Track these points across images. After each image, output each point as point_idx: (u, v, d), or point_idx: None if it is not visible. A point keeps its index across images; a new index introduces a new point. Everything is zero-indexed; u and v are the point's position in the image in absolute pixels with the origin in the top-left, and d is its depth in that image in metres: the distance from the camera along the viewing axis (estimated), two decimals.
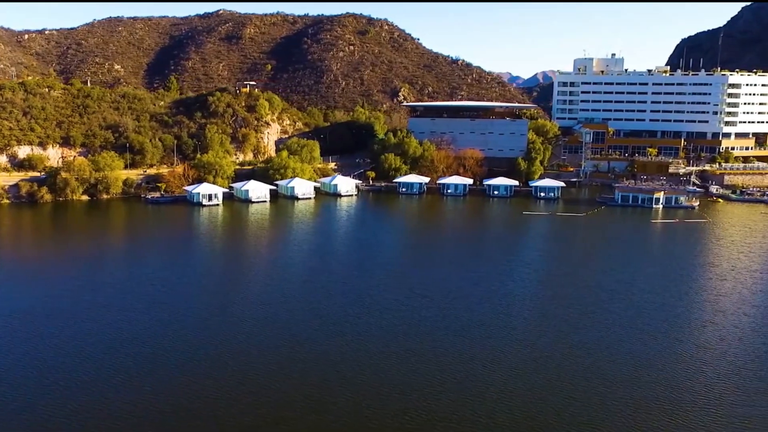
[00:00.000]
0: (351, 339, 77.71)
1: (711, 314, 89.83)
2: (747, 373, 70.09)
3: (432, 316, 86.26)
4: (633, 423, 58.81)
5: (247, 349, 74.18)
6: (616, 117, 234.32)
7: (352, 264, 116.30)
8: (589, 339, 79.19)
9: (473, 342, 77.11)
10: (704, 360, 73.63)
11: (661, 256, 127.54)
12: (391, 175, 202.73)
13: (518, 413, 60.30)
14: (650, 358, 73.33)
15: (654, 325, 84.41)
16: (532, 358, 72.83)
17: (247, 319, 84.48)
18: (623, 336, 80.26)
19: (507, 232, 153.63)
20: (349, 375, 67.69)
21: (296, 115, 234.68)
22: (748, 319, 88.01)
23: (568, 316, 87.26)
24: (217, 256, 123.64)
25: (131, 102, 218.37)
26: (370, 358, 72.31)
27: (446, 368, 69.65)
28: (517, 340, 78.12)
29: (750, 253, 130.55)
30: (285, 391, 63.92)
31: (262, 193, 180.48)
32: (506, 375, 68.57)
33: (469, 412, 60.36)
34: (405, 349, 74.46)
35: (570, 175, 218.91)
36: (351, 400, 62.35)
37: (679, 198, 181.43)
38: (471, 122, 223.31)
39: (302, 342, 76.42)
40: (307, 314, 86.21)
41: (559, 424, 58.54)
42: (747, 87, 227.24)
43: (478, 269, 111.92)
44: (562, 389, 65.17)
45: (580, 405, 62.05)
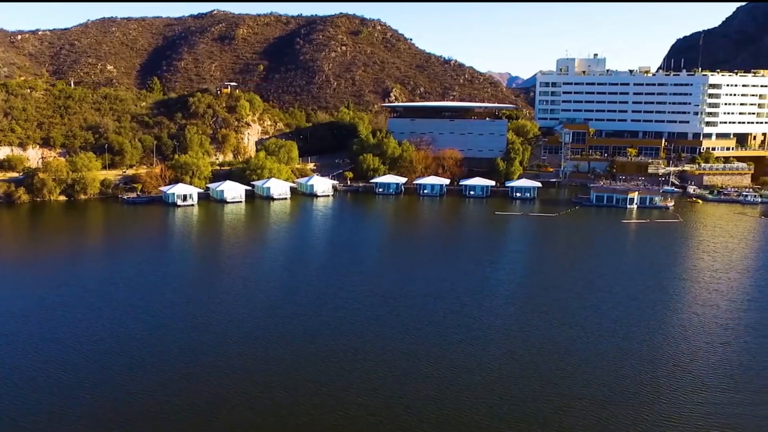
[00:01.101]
0: (301, 337, 78.69)
1: (662, 313, 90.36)
2: (682, 371, 70.89)
3: (384, 314, 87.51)
4: (563, 419, 59.51)
5: (193, 347, 75.17)
6: (597, 117, 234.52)
7: (315, 264, 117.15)
8: (538, 337, 79.94)
9: (421, 340, 77.76)
10: (647, 358, 74.21)
11: (624, 256, 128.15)
12: (370, 175, 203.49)
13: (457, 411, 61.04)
14: (592, 356, 74.13)
15: (605, 324, 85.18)
16: (475, 356, 73.46)
17: (199, 316, 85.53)
18: (573, 335, 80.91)
19: (476, 232, 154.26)
20: (292, 372, 68.70)
21: (277, 115, 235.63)
22: (697, 318, 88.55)
23: (520, 315, 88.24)
24: (180, 256, 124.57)
25: (113, 103, 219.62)
26: (312, 356, 73.01)
27: (391, 366, 70.63)
28: (460, 337, 78.72)
29: (714, 253, 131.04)
30: (225, 388, 64.90)
31: (237, 194, 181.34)
32: (438, 372, 69.22)
33: (402, 409, 61.09)
34: (351, 347, 75.59)
35: (549, 176, 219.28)
36: (289, 396, 63.30)
37: (654, 198, 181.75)
38: (450, 123, 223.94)
39: (252, 340, 77.55)
40: (261, 312, 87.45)
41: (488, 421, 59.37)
42: (727, 87, 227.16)
43: (439, 269, 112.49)
44: (498, 388, 66.05)
45: (510, 403, 62.92)
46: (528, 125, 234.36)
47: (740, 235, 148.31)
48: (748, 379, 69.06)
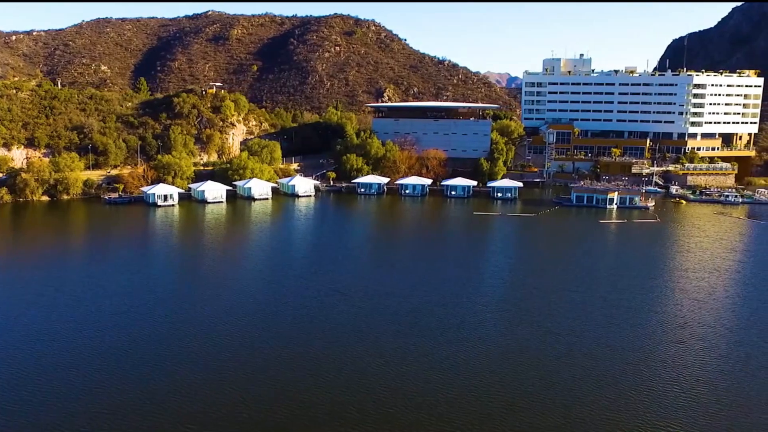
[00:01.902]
0: (254, 336, 79.48)
1: (623, 312, 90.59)
2: (633, 368, 71.47)
3: (345, 312, 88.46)
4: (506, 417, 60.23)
5: (140, 346, 75.84)
6: (583, 117, 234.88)
7: (283, 264, 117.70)
8: (489, 335, 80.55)
9: (371, 338, 78.54)
10: (600, 356, 74.82)
11: (595, 256, 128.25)
12: (353, 175, 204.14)
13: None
14: (540, 356, 74.59)
15: (563, 323, 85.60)
16: (422, 353, 74.07)
17: (154, 317, 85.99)
18: (527, 334, 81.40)
19: (452, 233, 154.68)
20: (242, 371, 69.42)
21: (263, 116, 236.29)
22: (656, 317, 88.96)
23: (474, 311, 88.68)
24: (150, 255, 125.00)
25: (98, 103, 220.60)
26: (257, 354, 73.76)
27: (343, 365, 71.38)
28: (407, 333, 79.30)
29: (687, 252, 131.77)
30: (170, 385, 65.74)
31: (218, 194, 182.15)
32: (386, 370, 69.86)
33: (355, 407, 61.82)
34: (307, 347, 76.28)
35: (534, 176, 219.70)
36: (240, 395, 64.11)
37: (634, 198, 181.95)
38: (434, 123, 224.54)
39: (204, 338, 78.44)
40: (221, 313, 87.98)
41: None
42: (712, 87, 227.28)
43: (406, 269, 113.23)
44: (457, 381, 66.69)
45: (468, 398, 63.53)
46: (512, 125, 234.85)
47: (716, 236, 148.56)
48: (694, 376, 69.54)
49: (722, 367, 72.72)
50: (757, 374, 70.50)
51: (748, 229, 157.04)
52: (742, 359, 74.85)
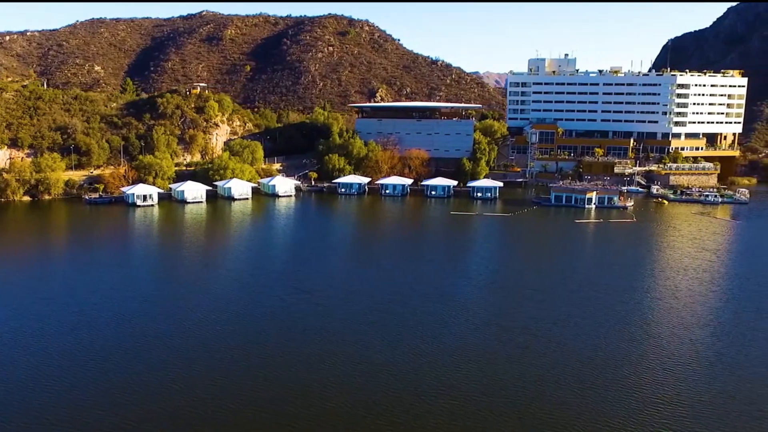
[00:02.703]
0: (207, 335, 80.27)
1: (580, 310, 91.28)
2: (583, 366, 72.35)
3: (312, 312, 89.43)
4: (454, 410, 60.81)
5: (92, 346, 76.69)
6: (567, 117, 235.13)
7: (247, 263, 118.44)
8: (440, 333, 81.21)
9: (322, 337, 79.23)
10: (543, 351, 75.64)
11: (563, 254, 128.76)
12: (335, 175, 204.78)
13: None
14: (490, 352, 75.47)
15: (518, 321, 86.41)
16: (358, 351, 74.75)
17: (114, 317, 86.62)
18: (474, 333, 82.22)
19: (425, 232, 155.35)
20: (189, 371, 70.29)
21: (247, 116, 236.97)
22: (616, 315, 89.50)
23: (433, 310, 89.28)
24: (122, 255, 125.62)
25: (83, 104, 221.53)
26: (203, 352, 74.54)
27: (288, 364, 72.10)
28: (359, 332, 79.97)
29: (657, 251, 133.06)
30: (117, 385, 66.61)
31: (198, 194, 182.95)
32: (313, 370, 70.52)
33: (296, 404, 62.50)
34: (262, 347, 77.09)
35: (516, 176, 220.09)
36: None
37: (613, 198, 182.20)
38: (417, 123, 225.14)
39: (160, 337, 79.28)
40: (187, 313, 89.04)
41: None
42: (696, 87, 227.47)
43: (368, 268, 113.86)
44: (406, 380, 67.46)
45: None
46: (496, 125, 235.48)
47: (690, 235, 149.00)
48: (634, 374, 70.22)
49: (668, 364, 73.29)
50: (704, 372, 71.44)
51: (722, 228, 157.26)
52: (692, 357, 75.67)
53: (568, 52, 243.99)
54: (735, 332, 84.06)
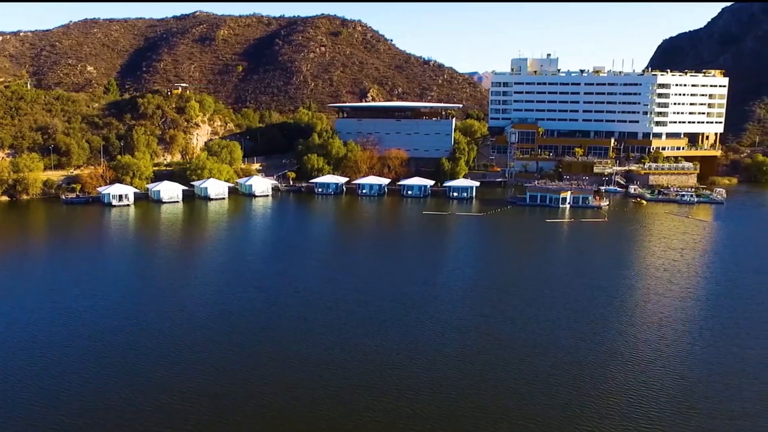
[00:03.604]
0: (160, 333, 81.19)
1: (524, 309, 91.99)
2: (525, 364, 73.00)
3: (264, 309, 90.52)
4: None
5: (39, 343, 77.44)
6: (549, 117, 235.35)
7: (209, 261, 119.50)
8: (388, 332, 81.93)
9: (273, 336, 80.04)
10: (486, 348, 76.42)
11: (519, 254, 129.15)
12: (314, 175, 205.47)
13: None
14: (438, 353, 76.16)
15: (467, 320, 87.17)
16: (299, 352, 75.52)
17: (62, 316, 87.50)
18: (424, 331, 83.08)
19: (395, 231, 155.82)
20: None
21: (228, 116, 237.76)
22: (567, 313, 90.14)
23: (381, 308, 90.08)
24: (90, 255, 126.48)
25: (65, 104, 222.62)
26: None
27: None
28: (304, 330, 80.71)
29: (620, 250, 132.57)
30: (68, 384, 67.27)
31: (174, 194, 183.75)
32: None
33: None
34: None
35: (496, 175, 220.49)
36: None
37: (587, 198, 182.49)
38: (397, 122, 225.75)
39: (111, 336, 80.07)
40: (147, 313, 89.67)
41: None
42: (676, 87, 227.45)
43: (327, 267, 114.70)
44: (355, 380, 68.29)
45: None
46: (476, 125, 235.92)
47: (658, 234, 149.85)
48: (575, 370, 71.12)
49: (609, 361, 74.30)
50: (645, 372, 71.91)
51: (692, 228, 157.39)
52: (632, 354, 76.46)
53: (550, 52, 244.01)
54: (682, 329, 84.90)
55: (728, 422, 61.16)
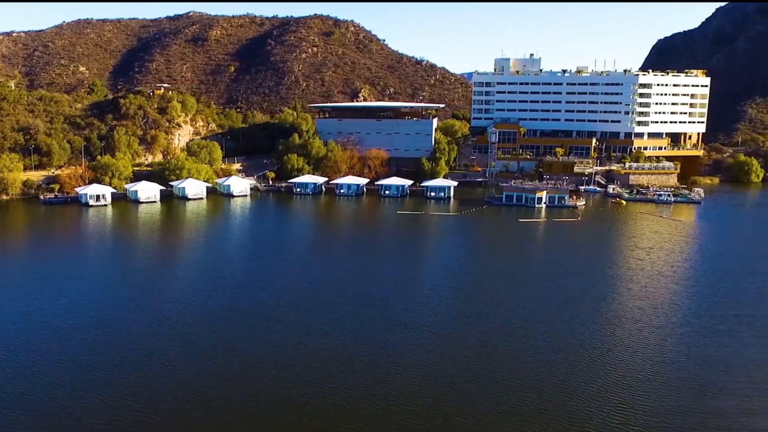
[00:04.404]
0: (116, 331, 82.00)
1: (481, 308, 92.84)
2: (475, 363, 73.48)
3: (220, 307, 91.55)
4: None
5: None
6: (531, 117, 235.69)
7: (175, 261, 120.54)
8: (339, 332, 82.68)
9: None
10: (433, 345, 77.11)
11: (483, 253, 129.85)
12: (294, 175, 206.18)
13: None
14: (388, 351, 77.03)
15: (417, 319, 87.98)
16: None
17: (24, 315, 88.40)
18: (374, 330, 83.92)
19: (365, 231, 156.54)
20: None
21: (211, 116, 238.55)
22: (519, 312, 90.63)
23: (336, 307, 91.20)
24: (61, 254, 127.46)
25: (47, 104, 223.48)
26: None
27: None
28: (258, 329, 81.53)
29: (582, 250, 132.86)
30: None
31: (152, 194, 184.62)
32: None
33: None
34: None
35: (477, 175, 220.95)
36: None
37: (563, 197, 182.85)
38: (377, 122, 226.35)
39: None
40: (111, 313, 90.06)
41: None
42: (658, 87, 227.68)
43: (289, 267, 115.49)
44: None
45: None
46: (457, 125, 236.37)
47: (629, 233, 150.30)
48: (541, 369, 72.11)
49: (554, 359, 75.38)
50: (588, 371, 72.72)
51: (664, 227, 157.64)
52: (578, 352, 77.36)
53: (533, 52, 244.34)
54: (631, 327, 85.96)
55: (667, 418, 62.03)
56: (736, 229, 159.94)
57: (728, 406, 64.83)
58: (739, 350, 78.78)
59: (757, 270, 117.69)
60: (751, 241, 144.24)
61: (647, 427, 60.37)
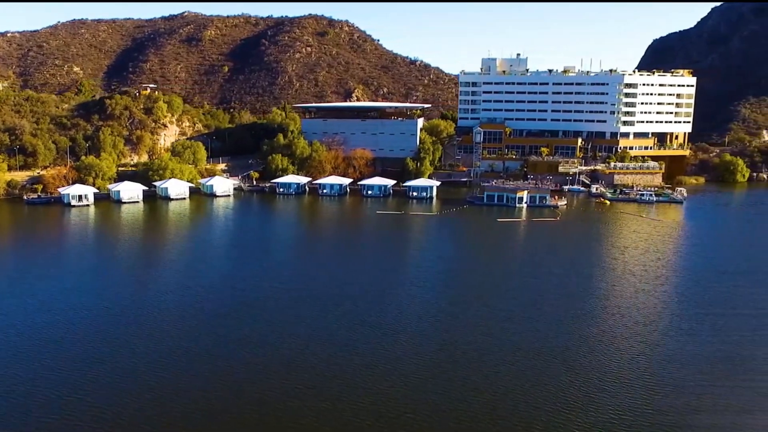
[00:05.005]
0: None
1: (446, 307, 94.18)
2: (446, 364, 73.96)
3: (189, 306, 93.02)
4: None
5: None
6: (518, 117, 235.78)
7: (149, 261, 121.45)
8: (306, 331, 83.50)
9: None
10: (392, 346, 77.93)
11: (455, 254, 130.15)
12: (278, 175, 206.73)
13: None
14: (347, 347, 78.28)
15: (384, 318, 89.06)
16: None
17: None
18: (337, 327, 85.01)
19: (339, 231, 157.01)
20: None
21: (197, 116, 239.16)
22: (484, 310, 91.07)
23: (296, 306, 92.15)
24: (38, 253, 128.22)
25: (34, 105, 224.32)
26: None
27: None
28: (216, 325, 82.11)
29: (560, 248, 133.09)
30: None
31: (134, 194, 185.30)
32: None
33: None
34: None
35: (462, 175, 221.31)
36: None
37: (544, 197, 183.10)
38: (362, 122, 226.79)
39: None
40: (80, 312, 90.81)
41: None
42: (644, 87, 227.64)
43: (256, 266, 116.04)
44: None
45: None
46: (442, 125, 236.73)
47: (605, 233, 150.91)
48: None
49: (509, 357, 76.49)
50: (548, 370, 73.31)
51: (644, 227, 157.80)
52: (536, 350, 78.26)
53: (519, 52, 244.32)
54: (594, 326, 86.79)
55: (616, 416, 62.97)
56: (714, 228, 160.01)
57: (678, 403, 65.45)
58: (696, 349, 79.30)
59: (726, 270, 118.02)
60: (727, 240, 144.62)
61: (594, 425, 61.07)
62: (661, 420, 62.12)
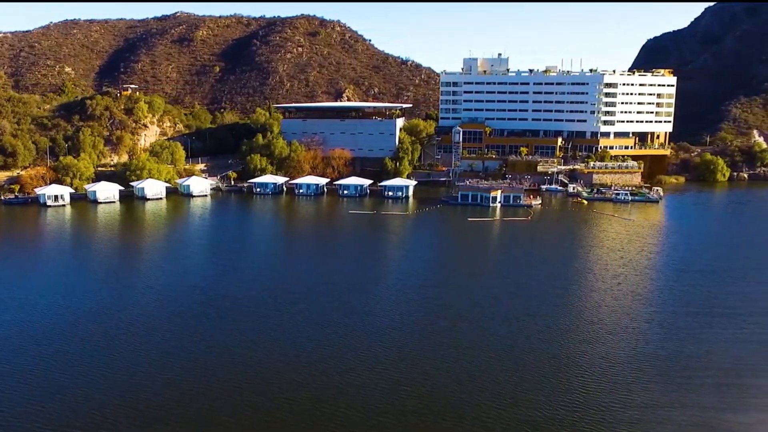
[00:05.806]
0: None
1: (393, 304, 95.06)
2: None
3: (148, 304, 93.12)
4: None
5: None
6: (498, 117, 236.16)
7: (115, 261, 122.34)
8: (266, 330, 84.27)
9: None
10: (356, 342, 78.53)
11: (419, 254, 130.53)
12: (257, 175, 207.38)
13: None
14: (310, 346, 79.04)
15: (352, 317, 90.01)
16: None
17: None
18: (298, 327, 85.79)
19: (307, 231, 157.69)
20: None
21: (178, 117, 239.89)
22: (436, 308, 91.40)
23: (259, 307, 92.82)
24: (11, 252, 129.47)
25: (15, 105, 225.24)
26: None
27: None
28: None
29: (525, 247, 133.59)
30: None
31: (110, 194, 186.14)
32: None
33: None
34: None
35: (441, 175, 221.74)
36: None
37: (518, 197, 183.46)
38: (341, 122, 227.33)
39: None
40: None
41: None
42: (623, 86, 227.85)
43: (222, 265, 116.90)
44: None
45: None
46: (422, 125, 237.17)
47: (573, 232, 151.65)
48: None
49: (456, 355, 77.24)
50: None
51: (615, 226, 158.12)
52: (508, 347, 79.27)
53: (501, 52, 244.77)
54: (546, 327, 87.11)
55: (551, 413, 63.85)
56: (686, 228, 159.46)
57: (607, 400, 66.28)
58: (639, 347, 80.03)
59: (687, 269, 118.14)
60: (696, 240, 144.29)
61: (530, 423, 61.98)
62: (600, 417, 63.02)
